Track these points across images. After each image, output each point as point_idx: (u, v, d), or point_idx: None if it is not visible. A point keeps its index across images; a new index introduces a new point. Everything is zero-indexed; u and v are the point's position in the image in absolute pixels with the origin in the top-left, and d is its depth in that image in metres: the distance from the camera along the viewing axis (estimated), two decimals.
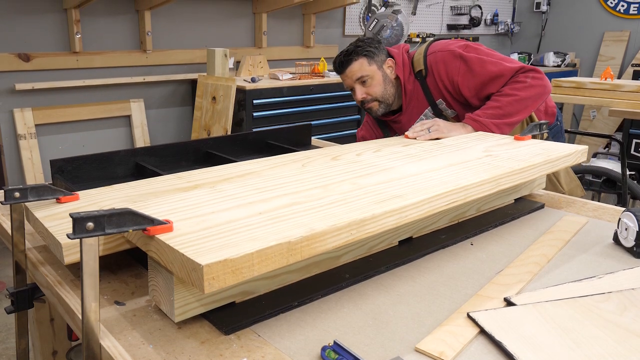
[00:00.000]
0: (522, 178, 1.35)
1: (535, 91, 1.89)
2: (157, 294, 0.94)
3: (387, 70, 2.05)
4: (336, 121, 4.50)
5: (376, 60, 2.02)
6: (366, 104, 2.09)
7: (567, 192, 2.02)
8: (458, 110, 2.05)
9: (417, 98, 2.08)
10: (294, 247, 0.86)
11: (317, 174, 1.27)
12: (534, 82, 1.89)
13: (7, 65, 3.49)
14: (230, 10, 4.46)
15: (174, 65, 4.24)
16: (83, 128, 3.91)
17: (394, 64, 2.05)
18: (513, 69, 1.91)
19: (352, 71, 2.03)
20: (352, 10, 5.36)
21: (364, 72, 2.01)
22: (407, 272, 1.15)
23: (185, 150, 1.72)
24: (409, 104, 2.10)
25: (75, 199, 1.17)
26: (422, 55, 2.03)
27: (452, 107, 2.05)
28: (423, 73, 2.03)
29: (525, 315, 0.94)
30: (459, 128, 1.85)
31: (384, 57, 2.05)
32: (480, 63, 1.93)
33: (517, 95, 1.87)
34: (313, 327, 0.94)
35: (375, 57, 2.02)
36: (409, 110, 2.12)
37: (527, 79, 1.89)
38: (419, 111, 2.10)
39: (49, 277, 1.09)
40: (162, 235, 0.86)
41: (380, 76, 2.02)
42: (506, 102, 1.88)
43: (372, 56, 2.01)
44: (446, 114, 2.06)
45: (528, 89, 1.88)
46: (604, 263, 1.20)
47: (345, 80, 2.09)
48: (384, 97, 2.05)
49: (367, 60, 2.01)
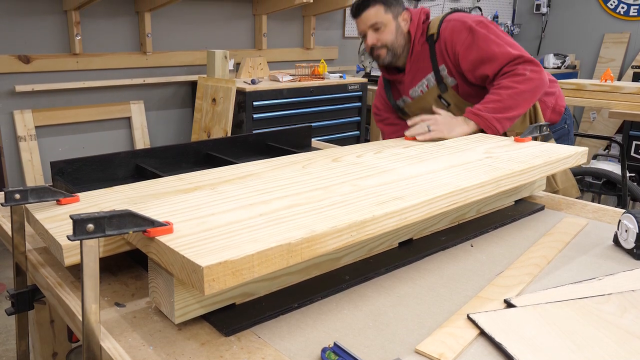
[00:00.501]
0: (522, 180, 1.35)
1: (534, 84, 1.89)
2: (157, 296, 0.94)
3: (402, 23, 2.08)
4: (336, 123, 4.50)
5: (392, 10, 2.05)
6: (375, 51, 2.12)
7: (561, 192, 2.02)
8: (458, 81, 2.06)
9: (422, 60, 2.10)
10: (294, 248, 0.86)
11: (317, 176, 1.27)
12: (532, 75, 1.89)
13: (7, 67, 3.49)
14: (230, 12, 4.47)
15: (174, 67, 4.24)
16: (83, 130, 3.91)
17: (409, 19, 2.09)
18: (512, 56, 1.91)
19: (368, 16, 2.06)
20: None
21: (379, 19, 2.04)
22: (407, 273, 1.15)
23: (186, 152, 1.72)
24: (413, 65, 2.12)
25: (76, 200, 1.17)
26: (438, 21, 2.06)
27: (452, 75, 2.06)
28: (434, 37, 2.05)
29: (525, 317, 0.94)
30: (460, 124, 1.85)
31: (401, 10, 2.08)
32: (484, 40, 1.93)
33: (516, 88, 1.87)
34: (313, 328, 0.94)
35: (392, 7, 2.05)
36: (412, 72, 2.14)
37: (526, 72, 1.89)
38: (422, 75, 2.12)
39: (50, 279, 1.09)
40: (163, 236, 0.86)
41: (393, 26, 2.06)
42: (506, 95, 1.87)
43: (389, 5, 2.05)
44: (446, 82, 2.07)
45: (527, 82, 1.88)
46: (604, 265, 1.20)
47: (359, 25, 2.12)
48: (393, 45, 2.08)
49: (383, 8, 2.04)
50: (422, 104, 2.19)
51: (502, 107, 1.86)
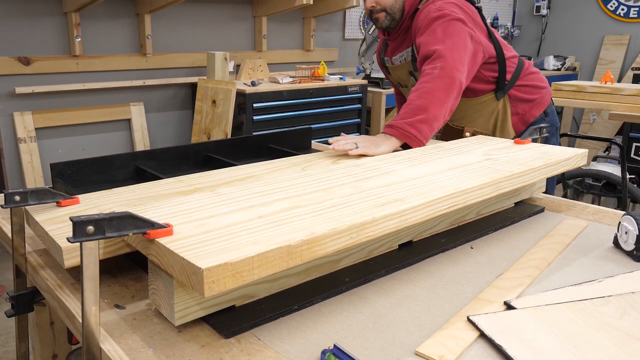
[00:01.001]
0: (522, 182, 1.35)
1: (443, 82, 1.78)
2: (157, 298, 0.94)
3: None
4: (336, 125, 4.50)
5: None
6: (374, 14, 2.15)
7: None
8: None
9: (406, 33, 2.16)
10: (294, 250, 0.86)
11: (317, 178, 1.27)
12: (441, 72, 1.79)
13: (7, 68, 3.49)
14: (230, 13, 4.47)
15: (174, 69, 4.24)
16: (83, 131, 3.91)
17: None
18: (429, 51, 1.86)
19: None
20: (352, 13, 5.37)
21: None
22: (407, 275, 1.15)
23: (186, 154, 1.72)
24: (400, 36, 2.18)
25: (76, 202, 1.17)
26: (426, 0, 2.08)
27: None
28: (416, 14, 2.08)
29: (525, 319, 0.94)
30: (383, 141, 1.68)
31: None
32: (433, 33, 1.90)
33: (423, 87, 1.77)
34: (313, 330, 0.94)
35: None
36: (397, 41, 2.21)
37: (434, 70, 1.80)
38: (404, 47, 2.19)
39: (49, 281, 1.09)
40: (162, 238, 0.86)
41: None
42: (414, 96, 1.77)
43: None
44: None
45: (435, 80, 1.77)
46: (604, 267, 1.20)
47: None
48: (392, 9, 2.11)
49: None
50: (398, 74, 2.29)
51: (411, 110, 1.74)
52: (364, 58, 4.94)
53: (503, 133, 2.17)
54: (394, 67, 2.29)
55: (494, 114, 2.16)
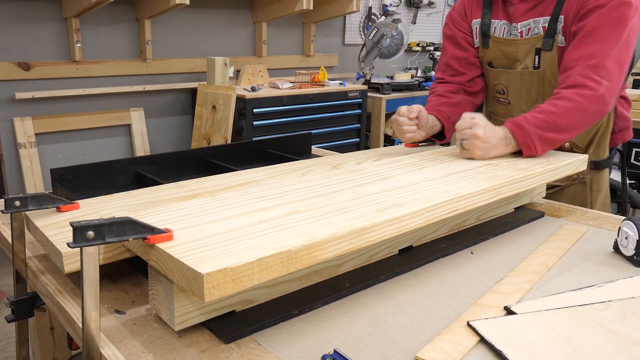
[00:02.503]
0: (522, 187, 1.36)
1: (597, 108, 1.52)
2: (157, 303, 0.94)
3: None
4: (336, 130, 4.51)
5: None
6: None
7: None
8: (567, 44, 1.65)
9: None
10: (294, 255, 0.87)
11: (317, 183, 1.27)
12: (603, 94, 1.50)
13: (7, 74, 3.50)
14: (230, 19, 4.48)
15: (174, 74, 4.25)
16: (83, 137, 3.92)
17: None
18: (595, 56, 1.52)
19: None
20: (352, 19, 5.39)
21: None
22: (407, 280, 1.15)
23: (186, 159, 1.72)
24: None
25: (76, 207, 1.17)
26: None
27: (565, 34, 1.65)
28: None
29: (525, 324, 0.94)
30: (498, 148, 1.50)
31: None
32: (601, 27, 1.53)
33: (579, 104, 1.50)
34: (313, 335, 0.94)
35: None
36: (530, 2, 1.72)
37: (599, 88, 1.50)
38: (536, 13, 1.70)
39: (50, 286, 1.09)
40: (163, 244, 0.86)
41: None
42: (564, 107, 1.50)
43: None
44: (556, 38, 1.68)
45: (592, 102, 1.51)
46: (604, 272, 1.20)
47: None
48: None
49: None
50: (509, 50, 1.78)
51: (552, 123, 1.49)
52: (364, 63, 4.95)
53: (598, 150, 1.83)
54: (503, 41, 1.79)
55: (595, 127, 1.80)
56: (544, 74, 1.73)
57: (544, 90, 1.75)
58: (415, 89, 5.10)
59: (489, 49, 1.83)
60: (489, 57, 1.85)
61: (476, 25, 1.86)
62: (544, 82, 1.74)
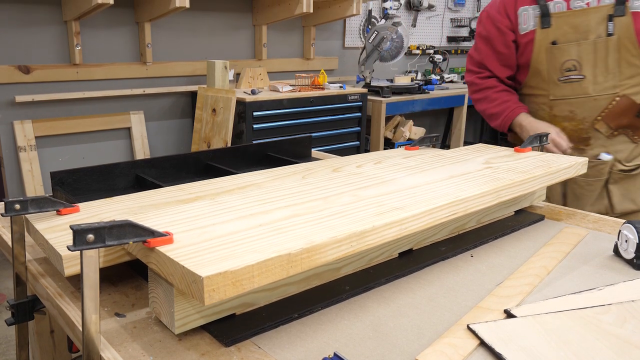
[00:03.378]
0: (522, 190, 1.36)
1: None
2: (157, 306, 0.94)
3: None
4: (336, 133, 4.51)
5: None
6: None
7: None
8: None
9: None
10: (294, 259, 0.87)
11: (317, 186, 1.27)
12: None
13: (7, 77, 3.50)
14: (230, 22, 4.49)
15: (174, 77, 4.25)
16: (83, 140, 3.92)
17: None
18: None
19: None
20: (352, 22, 5.39)
21: None
22: (407, 284, 1.15)
23: (186, 162, 1.72)
24: None
25: (76, 210, 1.17)
26: None
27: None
28: None
29: (525, 327, 0.94)
30: None
31: None
32: None
33: None
34: (313, 338, 0.94)
35: None
36: None
37: None
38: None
39: (50, 289, 1.09)
40: (163, 247, 0.86)
41: None
42: None
43: None
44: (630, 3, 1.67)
45: None
46: (604, 275, 1.20)
47: None
48: None
49: None
50: (578, 22, 1.72)
51: None
52: (364, 66, 4.96)
53: None
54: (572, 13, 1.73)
55: None
56: (618, 41, 1.70)
57: (620, 57, 1.70)
58: (415, 92, 5.09)
59: (552, 27, 1.77)
60: (553, 35, 1.78)
61: (524, 12, 1.82)
62: (619, 49, 1.70)
